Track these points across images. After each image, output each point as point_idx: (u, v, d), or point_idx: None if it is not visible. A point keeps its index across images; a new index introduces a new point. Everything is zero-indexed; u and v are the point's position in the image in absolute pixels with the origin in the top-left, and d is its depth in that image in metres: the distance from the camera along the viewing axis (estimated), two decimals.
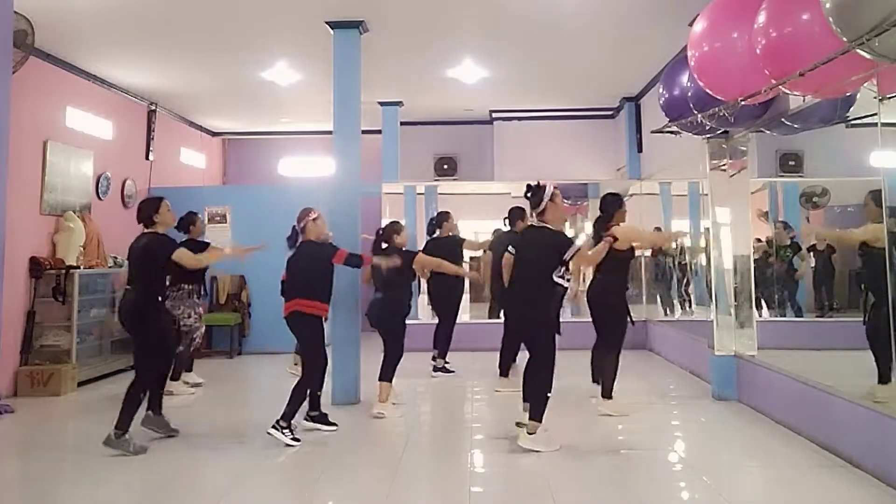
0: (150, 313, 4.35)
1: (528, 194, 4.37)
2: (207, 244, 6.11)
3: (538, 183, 4.37)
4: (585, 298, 5.30)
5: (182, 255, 4.43)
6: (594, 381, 5.40)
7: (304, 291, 4.52)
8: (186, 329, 5.92)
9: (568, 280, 4.31)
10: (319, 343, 4.58)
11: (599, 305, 5.14)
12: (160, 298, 4.44)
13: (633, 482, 3.71)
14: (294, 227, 4.69)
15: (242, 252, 5.16)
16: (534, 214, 4.45)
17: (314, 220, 4.69)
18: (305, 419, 4.66)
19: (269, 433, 4.32)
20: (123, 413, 4.19)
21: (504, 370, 6.05)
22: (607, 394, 5.08)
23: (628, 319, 5.09)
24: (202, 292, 6.12)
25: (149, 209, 4.51)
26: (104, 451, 4.17)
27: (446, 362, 6.76)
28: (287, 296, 4.58)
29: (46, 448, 4.51)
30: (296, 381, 4.50)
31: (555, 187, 4.35)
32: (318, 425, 4.67)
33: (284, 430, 4.35)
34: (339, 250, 4.71)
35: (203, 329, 6.26)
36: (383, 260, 4.92)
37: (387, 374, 5.13)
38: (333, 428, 4.68)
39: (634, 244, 5.25)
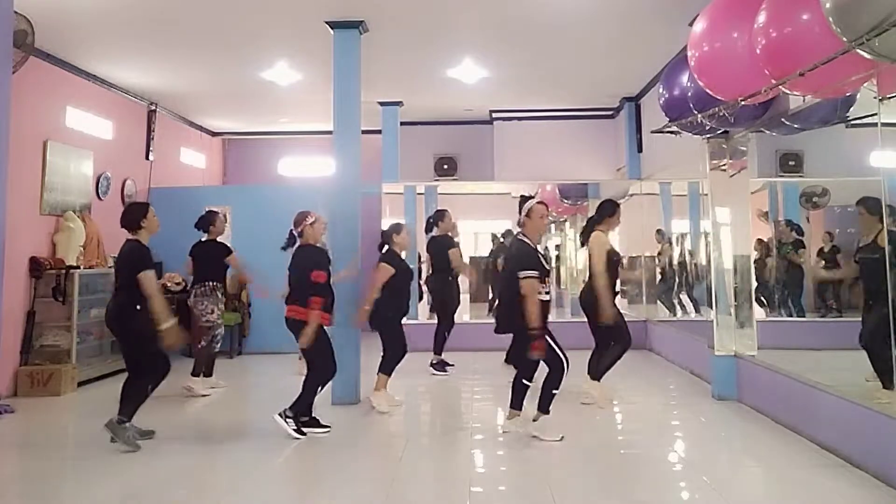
0: (129, 320, 4.28)
1: (520, 204, 4.52)
2: (228, 249, 6.07)
3: (531, 195, 4.56)
4: (580, 304, 5.37)
5: (144, 278, 4.22)
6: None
7: (298, 297, 4.51)
8: (210, 325, 5.91)
9: (546, 293, 4.30)
10: (320, 348, 4.54)
11: (590, 310, 5.17)
12: (138, 306, 4.26)
13: (633, 482, 3.71)
14: (291, 230, 4.70)
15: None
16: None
17: (311, 224, 4.69)
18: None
19: (274, 419, 4.41)
20: (126, 402, 4.26)
21: None
22: (596, 375, 5.18)
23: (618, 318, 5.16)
24: (225, 290, 6.12)
25: (137, 214, 4.46)
26: (104, 451, 4.18)
27: (444, 361, 6.80)
28: (287, 300, 4.62)
29: (46, 448, 4.51)
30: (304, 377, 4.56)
31: (539, 202, 4.45)
32: (312, 429, 4.58)
33: (288, 419, 4.41)
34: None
35: (223, 328, 6.09)
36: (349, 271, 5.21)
37: (386, 367, 5.19)
38: (326, 430, 4.60)
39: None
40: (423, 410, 5.61)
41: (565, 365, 4.26)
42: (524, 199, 4.50)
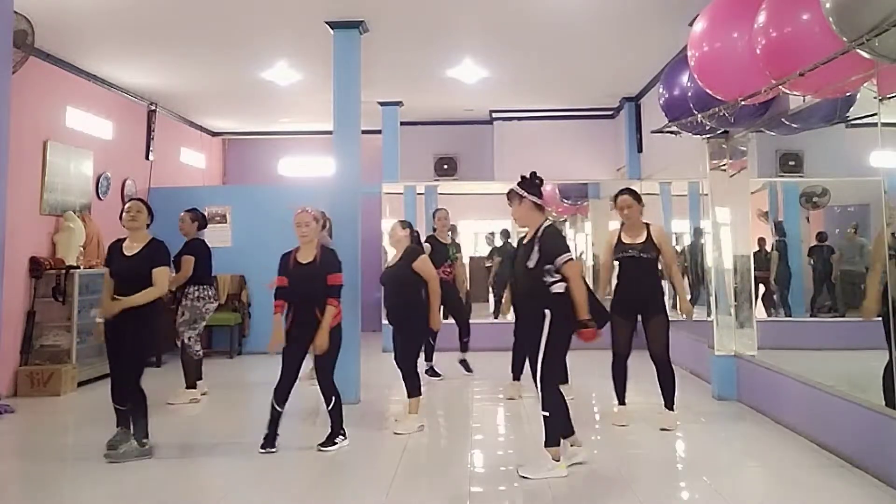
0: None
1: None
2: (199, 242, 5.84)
3: (530, 175, 3.95)
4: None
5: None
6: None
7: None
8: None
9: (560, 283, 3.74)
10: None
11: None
12: None
13: (634, 482, 3.70)
14: None
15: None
16: None
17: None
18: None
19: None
20: None
21: (517, 374, 5.76)
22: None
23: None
24: (174, 299, 5.77)
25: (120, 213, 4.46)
26: (103, 452, 4.16)
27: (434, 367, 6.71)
28: None
29: (46, 448, 4.51)
30: None
31: (527, 186, 3.86)
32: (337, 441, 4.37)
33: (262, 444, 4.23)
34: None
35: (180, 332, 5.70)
36: None
37: (407, 390, 4.85)
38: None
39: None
40: (423, 411, 5.59)
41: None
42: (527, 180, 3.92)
